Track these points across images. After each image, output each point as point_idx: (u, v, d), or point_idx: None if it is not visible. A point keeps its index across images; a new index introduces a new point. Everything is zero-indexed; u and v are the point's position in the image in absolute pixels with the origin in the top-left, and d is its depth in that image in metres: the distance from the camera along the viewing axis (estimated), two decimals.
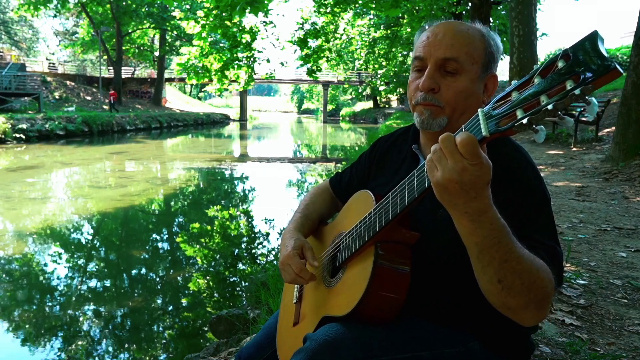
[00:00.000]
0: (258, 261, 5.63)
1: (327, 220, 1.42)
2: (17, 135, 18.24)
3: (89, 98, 32.72)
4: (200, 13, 12.85)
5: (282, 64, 18.68)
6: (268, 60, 16.28)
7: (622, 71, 0.61)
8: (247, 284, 4.65)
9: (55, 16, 35.80)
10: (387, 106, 50.13)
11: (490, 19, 15.32)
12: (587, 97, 0.63)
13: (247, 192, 10.70)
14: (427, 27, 1.10)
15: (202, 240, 6.55)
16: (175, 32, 37.69)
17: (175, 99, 47.84)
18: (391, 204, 0.95)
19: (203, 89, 61.69)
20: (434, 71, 1.03)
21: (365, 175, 1.33)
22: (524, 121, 0.67)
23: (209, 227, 7.22)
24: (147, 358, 3.57)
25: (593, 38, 0.64)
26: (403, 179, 0.93)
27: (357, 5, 16.08)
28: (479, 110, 0.75)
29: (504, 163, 0.98)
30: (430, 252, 1.03)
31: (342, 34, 22.20)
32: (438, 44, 1.03)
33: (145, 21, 36.36)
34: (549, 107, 0.65)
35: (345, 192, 1.36)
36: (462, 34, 1.04)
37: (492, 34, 1.08)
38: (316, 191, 1.46)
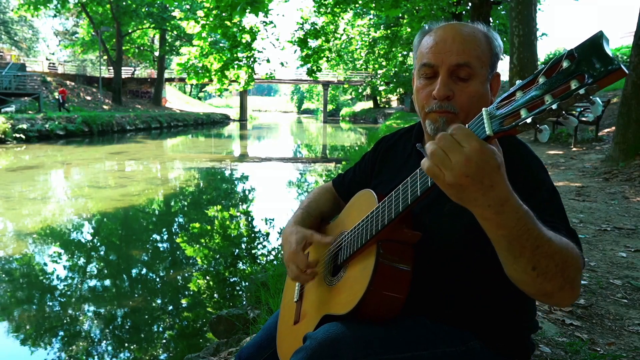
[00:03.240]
0: (258, 261, 5.63)
1: (329, 219, 1.41)
2: (17, 135, 18.23)
3: (89, 98, 32.73)
4: (200, 13, 12.88)
5: (282, 64, 18.67)
6: (268, 61, 16.30)
7: (627, 71, 0.62)
8: (247, 284, 4.64)
9: (55, 16, 35.79)
10: (387, 106, 50.15)
11: (490, 19, 15.33)
12: (591, 97, 0.63)
13: (247, 192, 10.69)
14: (427, 28, 1.10)
15: (202, 240, 6.55)
16: (175, 32, 37.67)
17: (175, 99, 47.81)
18: (393, 203, 0.95)
19: (203, 89, 61.68)
20: (447, 78, 1.02)
21: (368, 174, 1.33)
22: (528, 120, 0.68)
23: (209, 227, 7.21)
24: (147, 358, 3.57)
25: (598, 38, 0.64)
26: (406, 177, 0.93)
27: (357, 5, 16.11)
28: (483, 109, 0.75)
29: (507, 155, 0.99)
30: (434, 249, 1.03)
31: (342, 34, 22.23)
32: (448, 50, 1.02)
33: (145, 21, 36.33)
34: (553, 106, 0.65)
35: (348, 191, 1.35)
36: (470, 37, 1.03)
37: (493, 33, 1.08)
38: (318, 190, 1.46)
